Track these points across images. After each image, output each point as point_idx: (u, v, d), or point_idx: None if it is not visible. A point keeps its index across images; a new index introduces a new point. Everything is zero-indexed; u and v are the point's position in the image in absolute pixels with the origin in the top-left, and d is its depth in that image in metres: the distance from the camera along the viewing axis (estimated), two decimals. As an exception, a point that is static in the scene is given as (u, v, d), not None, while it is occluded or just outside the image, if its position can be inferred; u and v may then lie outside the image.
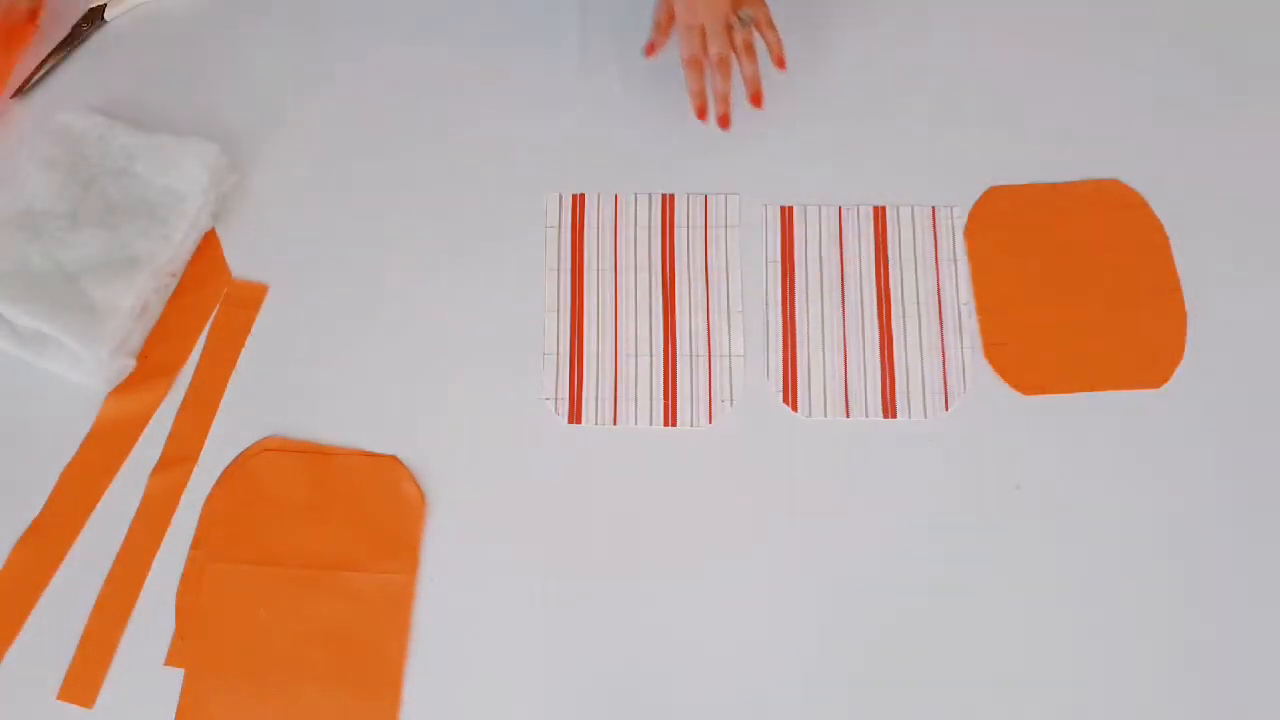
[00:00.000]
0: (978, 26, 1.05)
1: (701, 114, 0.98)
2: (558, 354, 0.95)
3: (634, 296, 0.97)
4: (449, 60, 1.05)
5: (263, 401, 0.93)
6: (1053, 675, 0.85)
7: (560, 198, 1.00)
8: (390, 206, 1.00)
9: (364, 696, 0.85)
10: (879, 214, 0.98)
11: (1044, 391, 0.92)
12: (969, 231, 0.97)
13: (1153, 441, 0.91)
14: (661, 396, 0.93)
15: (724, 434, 0.92)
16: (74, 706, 0.84)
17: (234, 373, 0.94)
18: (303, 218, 0.99)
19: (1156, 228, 0.97)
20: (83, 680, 0.85)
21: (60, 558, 0.88)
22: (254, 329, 0.95)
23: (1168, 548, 0.88)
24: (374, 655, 0.86)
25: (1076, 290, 0.95)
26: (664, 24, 1.02)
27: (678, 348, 0.95)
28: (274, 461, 0.91)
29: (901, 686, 0.85)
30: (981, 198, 0.98)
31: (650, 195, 1.00)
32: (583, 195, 0.99)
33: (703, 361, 0.95)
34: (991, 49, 1.04)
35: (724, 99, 0.98)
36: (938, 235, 0.98)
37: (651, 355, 0.95)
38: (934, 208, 0.98)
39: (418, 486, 0.90)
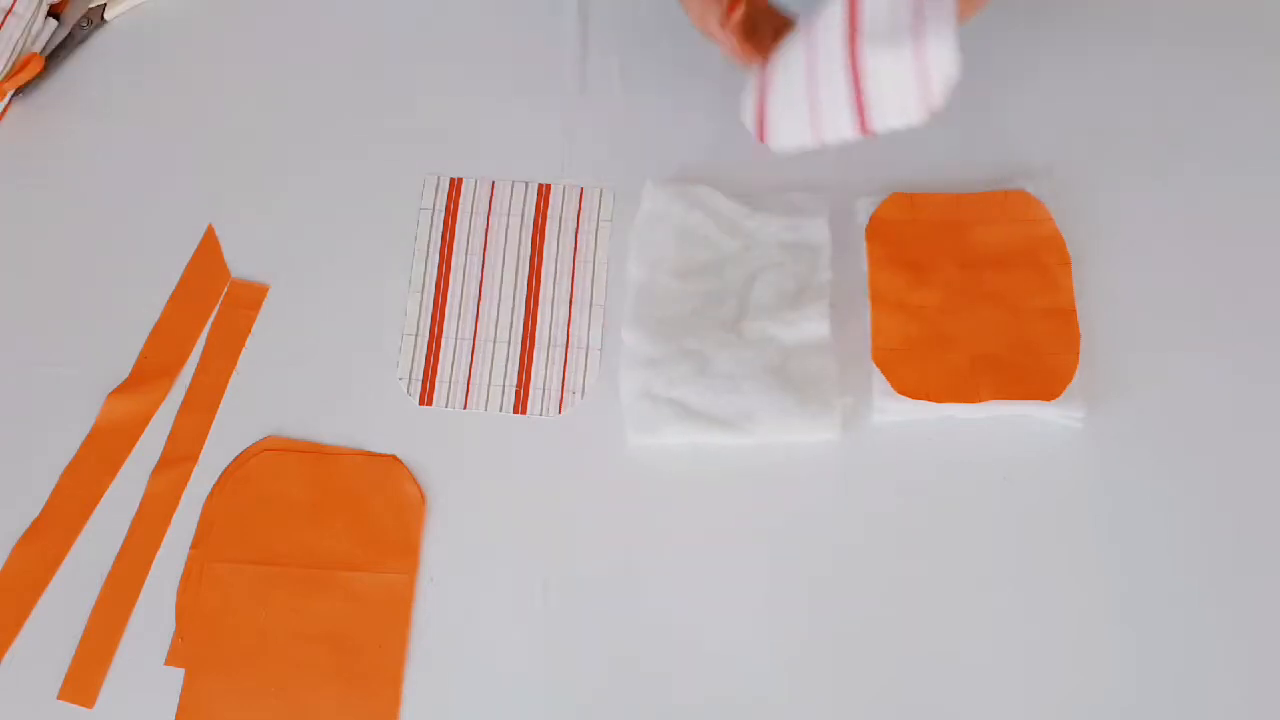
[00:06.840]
0: None
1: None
2: (416, 335, 0.95)
3: (499, 282, 0.97)
4: (448, 58, 1.05)
5: (263, 401, 0.93)
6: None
7: (438, 180, 1.00)
8: (390, 205, 1.00)
9: (364, 696, 0.85)
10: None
11: (927, 398, 0.90)
12: (869, 234, 0.96)
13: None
14: (515, 384, 0.94)
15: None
16: (74, 706, 0.84)
17: (234, 373, 0.94)
18: (303, 218, 0.99)
19: (1059, 244, 0.95)
20: (83, 680, 0.85)
21: (60, 558, 0.88)
22: (254, 329, 0.95)
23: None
24: (374, 655, 0.86)
25: (972, 300, 0.93)
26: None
27: (537, 336, 0.95)
28: (274, 461, 0.91)
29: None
30: (884, 202, 0.97)
31: (527, 184, 1.00)
32: (459, 180, 1.00)
33: (560, 351, 0.95)
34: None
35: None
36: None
37: (510, 342, 0.95)
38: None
39: (418, 486, 0.90)
